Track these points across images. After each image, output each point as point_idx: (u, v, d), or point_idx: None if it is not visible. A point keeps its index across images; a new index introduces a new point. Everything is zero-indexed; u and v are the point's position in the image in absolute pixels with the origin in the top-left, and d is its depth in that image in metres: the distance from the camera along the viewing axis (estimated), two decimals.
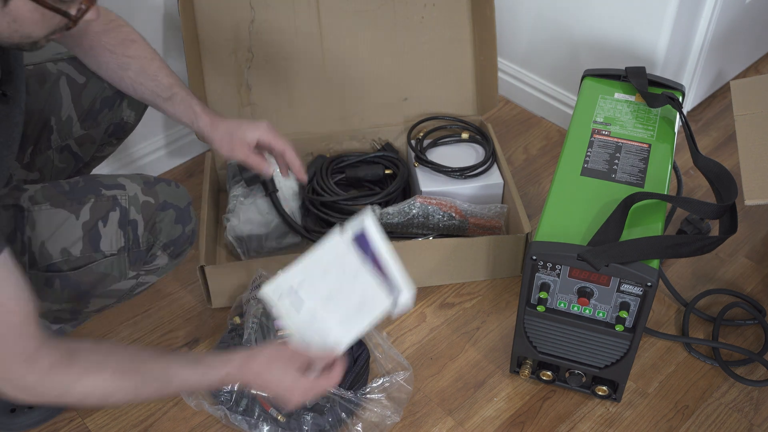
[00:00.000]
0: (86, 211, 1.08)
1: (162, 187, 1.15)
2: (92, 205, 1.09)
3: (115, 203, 1.10)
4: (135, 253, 1.12)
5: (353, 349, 1.37)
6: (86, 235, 1.08)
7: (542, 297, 1.19)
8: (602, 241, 1.12)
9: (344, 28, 1.66)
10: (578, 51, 1.79)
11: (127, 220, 1.10)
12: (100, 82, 1.26)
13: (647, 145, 1.30)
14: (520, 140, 1.90)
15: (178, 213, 1.16)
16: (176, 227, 1.16)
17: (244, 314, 1.40)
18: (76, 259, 1.07)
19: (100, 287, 1.11)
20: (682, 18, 1.63)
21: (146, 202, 1.12)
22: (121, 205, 1.10)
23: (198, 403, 1.31)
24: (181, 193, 1.18)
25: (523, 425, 1.32)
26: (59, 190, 1.10)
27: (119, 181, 1.13)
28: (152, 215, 1.12)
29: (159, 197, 1.14)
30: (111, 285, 1.12)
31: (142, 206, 1.11)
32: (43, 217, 1.07)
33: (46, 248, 1.06)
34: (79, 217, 1.08)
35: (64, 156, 1.28)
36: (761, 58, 2.08)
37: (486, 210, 1.56)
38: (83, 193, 1.10)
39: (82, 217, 1.08)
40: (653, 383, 1.38)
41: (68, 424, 1.33)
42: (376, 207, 1.53)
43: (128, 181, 1.13)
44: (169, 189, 1.16)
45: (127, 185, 1.12)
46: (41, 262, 1.06)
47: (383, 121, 1.75)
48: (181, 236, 1.17)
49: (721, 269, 1.57)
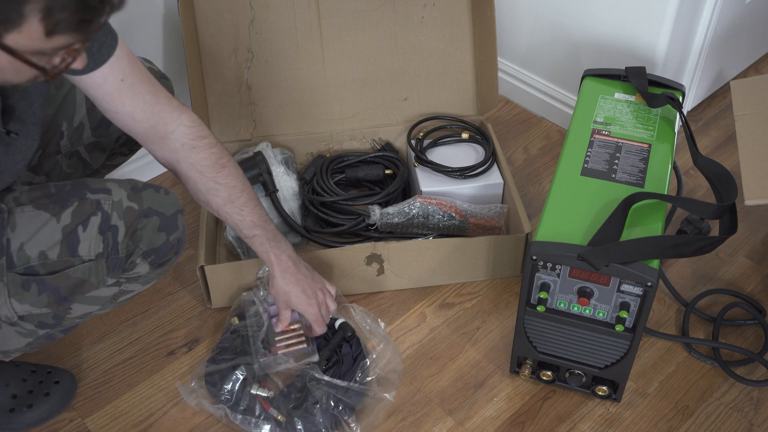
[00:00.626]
0: (67, 215, 1.06)
1: (149, 194, 1.12)
2: (74, 208, 1.06)
3: (97, 207, 1.07)
4: (114, 259, 1.09)
5: (353, 348, 1.37)
6: (65, 239, 1.05)
7: (542, 297, 1.19)
8: (602, 241, 1.12)
9: (344, 28, 1.66)
10: (578, 51, 1.79)
11: (108, 226, 1.07)
12: None
13: (647, 145, 1.30)
14: (520, 140, 1.90)
15: (163, 221, 1.12)
16: (159, 235, 1.12)
17: (243, 315, 1.41)
18: (53, 262, 1.05)
19: (78, 293, 1.09)
20: (682, 18, 1.63)
21: (129, 208, 1.09)
22: (104, 209, 1.07)
23: (198, 403, 1.31)
24: (169, 200, 1.14)
25: (523, 425, 1.32)
26: (45, 192, 1.08)
27: (107, 185, 1.10)
28: (134, 221, 1.09)
29: (144, 203, 1.10)
30: (90, 291, 1.10)
31: (125, 212, 1.08)
32: (24, 218, 1.05)
33: (24, 250, 1.04)
34: (60, 220, 1.06)
35: (73, 161, 1.27)
36: (761, 58, 2.08)
37: (486, 210, 1.56)
38: (68, 196, 1.08)
39: (62, 221, 1.06)
40: (653, 383, 1.38)
41: (68, 424, 1.33)
42: (376, 207, 1.53)
43: (116, 185, 1.10)
44: (157, 195, 1.13)
45: (114, 190, 1.09)
46: (19, 264, 1.04)
47: (383, 121, 1.75)
48: (164, 245, 1.13)
49: (721, 269, 1.57)
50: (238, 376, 1.30)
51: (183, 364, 1.42)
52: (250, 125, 1.71)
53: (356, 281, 1.51)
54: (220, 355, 1.35)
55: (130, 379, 1.40)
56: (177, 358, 1.43)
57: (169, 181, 1.79)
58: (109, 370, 1.41)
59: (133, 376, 1.40)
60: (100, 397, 1.37)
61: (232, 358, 1.34)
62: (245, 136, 1.71)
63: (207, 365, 1.34)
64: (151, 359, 1.43)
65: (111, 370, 1.41)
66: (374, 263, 1.49)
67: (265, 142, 1.66)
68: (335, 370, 1.35)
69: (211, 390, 1.31)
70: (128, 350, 1.44)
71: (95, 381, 1.39)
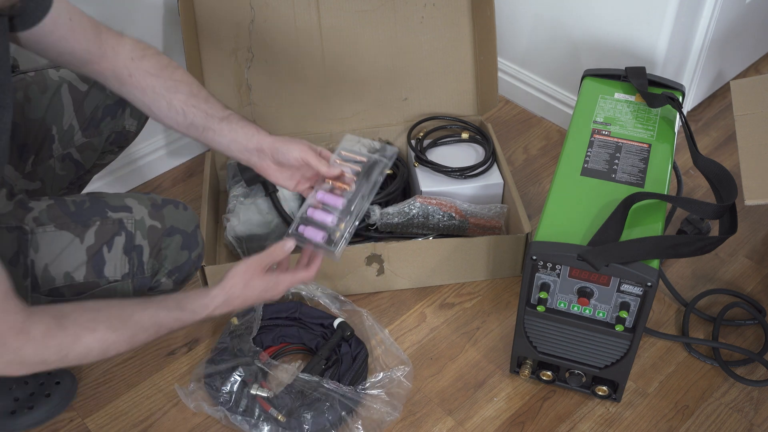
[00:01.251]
0: (91, 235, 1.06)
1: (169, 211, 1.13)
2: (97, 228, 1.07)
3: (120, 227, 1.08)
4: (139, 279, 1.10)
5: (352, 347, 1.37)
6: (90, 260, 1.06)
7: (542, 297, 1.19)
8: (602, 241, 1.12)
9: (344, 28, 1.66)
10: (578, 51, 1.79)
11: (132, 246, 1.08)
12: (102, 90, 1.25)
13: (647, 145, 1.30)
14: (520, 140, 1.90)
15: (185, 238, 1.14)
16: (182, 253, 1.14)
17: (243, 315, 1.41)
18: (79, 284, 1.06)
19: None
20: (682, 18, 1.63)
21: (152, 227, 1.10)
22: (127, 229, 1.08)
23: (197, 405, 1.31)
24: (188, 216, 1.16)
25: (523, 425, 1.32)
26: (64, 210, 1.08)
27: (126, 202, 1.10)
28: (158, 241, 1.10)
29: (166, 222, 1.12)
30: None
31: (148, 231, 1.09)
32: (47, 239, 1.05)
33: (48, 272, 1.04)
34: (83, 240, 1.06)
35: (66, 164, 1.27)
36: (761, 58, 2.08)
37: (486, 210, 1.56)
38: (89, 215, 1.08)
39: (86, 241, 1.06)
40: (653, 383, 1.38)
41: (68, 424, 1.33)
42: (376, 207, 1.53)
43: (135, 202, 1.11)
44: (177, 212, 1.14)
45: (134, 207, 1.10)
46: (44, 286, 1.05)
47: (383, 121, 1.75)
48: (187, 262, 1.15)
49: (721, 269, 1.57)
50: (237, 378, 1.30)
51: (183, 364, 1.42)
52: None
53: (356, 281, 1.51)
54: (219, 356, 1.35)
55: (130, 379, 1.40)
56: (177, 358, 1.43)
57: (170, 181, 1.80)
58: (109, 370, 1.41)
59: (133, 376, 1.40)
60: (100, 397, 1.37)
61: (231, 358, 1.34)
62: None
63: (206, 366, 1.34)
64: (151, 359, 1.43)
65: (111, 370, 1.41)
66: (374, 263, 1.49)
67: None
68: (335, 369, 1.35)
69: (210, 392, 1.31)
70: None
71: (95, 381, 1.39)
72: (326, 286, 1.49)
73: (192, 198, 1.71)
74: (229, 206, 1.57)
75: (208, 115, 1.18)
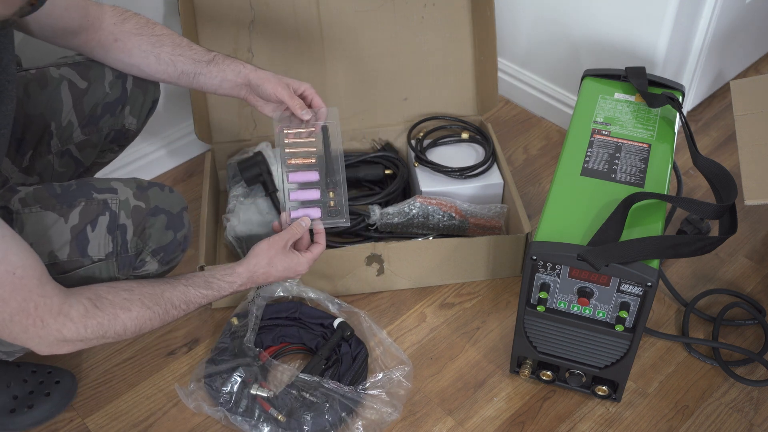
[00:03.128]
0: (75, 215, 1.07)
1: (154, 192, 1.14)
2: (82, 208, 1.08)
3: (105, 207, 1.09)
4: (123, 258, 1.11)
5: (352, 347, 1.37)
6: (74, 239, 1.06)
7: (542, 297, 1.19)
8: (602, 241, 1.12)
9: (344, 27, 1.66)
10: (578, 51, 1.79)
11: (116, 225, 1.09)
12: (102, 88, 1.26)
13: (647, 145, 1.30)
14: (520, 140, 1.90)
15: (170, 219, 1.14)
16: (167, 233, 1.14)
17: (243, 315, 1.41)
18: (64, 263, 1.06)
19: None
20: (682, 18, 1.63)
21: (137, 207, 1.11)
22: (111, 209, 1.09)
23: (197, 405, 1.31)
24: (174, 198, 1.17)
25: (523, 425, 1.32)
26: (51, 192, 1.09)
27: (112, 184, 1.11)
28: (142, 220, 1.11)
29: (150, 202, 1.12)
30: None
31: (132, 211, 1.10)
32: (32, 219, 1.06)
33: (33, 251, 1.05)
34: (68, 220, 1.07)
35: (65, 161, 1.27)
36: (761, 58, 2.08)
37: (486, 210, 1.56)
38: (74, 196, 1.09)
39: (71, 221, 1.07)
40: (653, 383, 1.38)
41: (68, 424, 1.33)
42: (376, 207, 1.53)
43: (121, 184, 1.12)
44: (162, 194, 1.15)
45: (120, 189, 1.11)
46: None
47: (383, 121, 1.75)
48: (171, 242, 1.16)
49: (721, 269, 1.57)
50: (237, 378, 1.30)
51: (183, 364, 1.42)
52: (250, 125, 1.71)
53: (356, 281, 1.51)
54: (220, 356, 1.35)
55: (130, 379, 1.40)
56: (177, 358, 1.43)
57: (170, 181, 1.79)
58: (109, 370, 1.41)
59: (133, 376, 1.40)
60: (100, 397, 1.37)
61: (231, 359, 1.34)
62: (245, 136, 1.71)
63: (206, 366, 1.34)
64: (151, 359, 1.43)
65: (111, 370, 1.41)
66: (374, 263, 1.49)
67: (265, 142, 1.66)
68: (334, 369, 1.35)
69: (210, 392, 1.31)
70: (128, 350, 1.44)
71: (95, 381, 1.39)
72: (326, 287, 1.49)
73: (192, 198, 1.71)
74: (229, 206, 1.57)
75: (196, 61, 1.26)
